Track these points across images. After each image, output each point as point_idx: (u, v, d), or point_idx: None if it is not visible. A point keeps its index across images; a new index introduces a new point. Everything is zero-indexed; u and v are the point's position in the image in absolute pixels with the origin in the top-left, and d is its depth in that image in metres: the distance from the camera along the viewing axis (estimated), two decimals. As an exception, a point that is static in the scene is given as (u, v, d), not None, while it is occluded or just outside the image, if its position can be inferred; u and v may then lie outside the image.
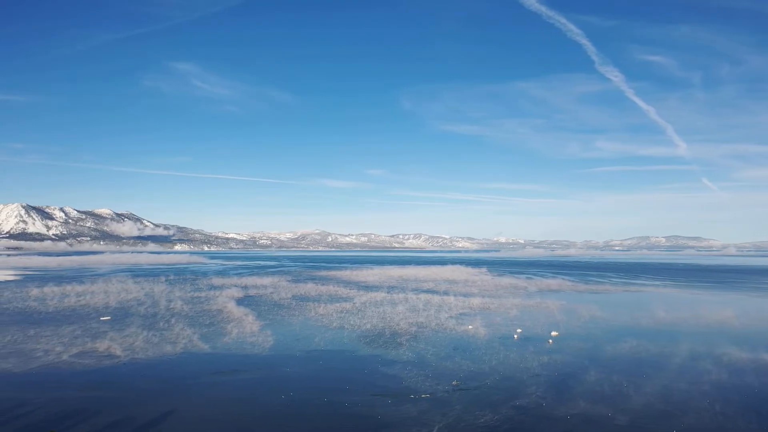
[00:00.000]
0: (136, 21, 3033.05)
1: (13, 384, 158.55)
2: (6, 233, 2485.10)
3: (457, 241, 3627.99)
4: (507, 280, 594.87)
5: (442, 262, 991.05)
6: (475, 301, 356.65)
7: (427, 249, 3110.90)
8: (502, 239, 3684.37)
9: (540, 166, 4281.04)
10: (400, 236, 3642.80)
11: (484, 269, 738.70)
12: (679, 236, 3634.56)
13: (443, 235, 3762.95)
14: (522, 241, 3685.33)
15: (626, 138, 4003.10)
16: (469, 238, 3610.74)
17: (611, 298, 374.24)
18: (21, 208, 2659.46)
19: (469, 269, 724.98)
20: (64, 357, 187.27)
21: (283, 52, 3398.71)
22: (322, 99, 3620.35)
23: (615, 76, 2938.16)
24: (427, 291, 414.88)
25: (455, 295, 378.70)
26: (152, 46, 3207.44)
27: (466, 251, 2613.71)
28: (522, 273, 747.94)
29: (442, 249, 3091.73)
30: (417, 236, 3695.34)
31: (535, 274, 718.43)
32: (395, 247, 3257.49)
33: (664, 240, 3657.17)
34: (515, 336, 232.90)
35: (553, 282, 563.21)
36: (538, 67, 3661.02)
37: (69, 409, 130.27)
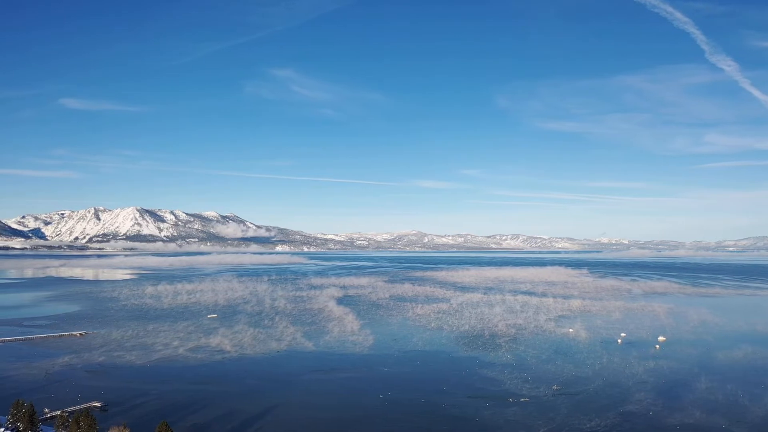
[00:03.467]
0: (238, 31, 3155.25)
1: (135, 375, 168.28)
2: (123, 235, 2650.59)
3: (557, 242, 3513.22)
4: (609, 282, 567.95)
5: (540, 263, 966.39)
6: (575, 303, 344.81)
7: (525, 250, 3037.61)
8: (605, 240, 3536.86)
9: (646, 163, 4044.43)
10: (498, 237, 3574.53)
11: (584, 270, 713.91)
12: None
13: (542, 236, 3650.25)
14: (626, 242, 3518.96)
15: (741, 131, 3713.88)
16: (570, 239, 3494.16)
17: (724, 302, 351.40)
18: (136, 212, 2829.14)
19: (569, 270, 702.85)
20: (180, 351, 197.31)
21: (377, 53, 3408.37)
22: (416, 99, 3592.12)
23: (728, 66, 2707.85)
24: (525, 292, 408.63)
25: (554, 297, 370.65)
26: (253, 55, 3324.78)
27: (566, 252, 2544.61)
28: (626, 275, 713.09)
29: (540, 250, 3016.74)
30: (515, 237, 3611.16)
31: (639, 276, 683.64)
32: (492, 248, 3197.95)
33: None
34: (619, 340, 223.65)
35: (659, 284, 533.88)
36: (643, 59, 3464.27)
37: (181, 400, 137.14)
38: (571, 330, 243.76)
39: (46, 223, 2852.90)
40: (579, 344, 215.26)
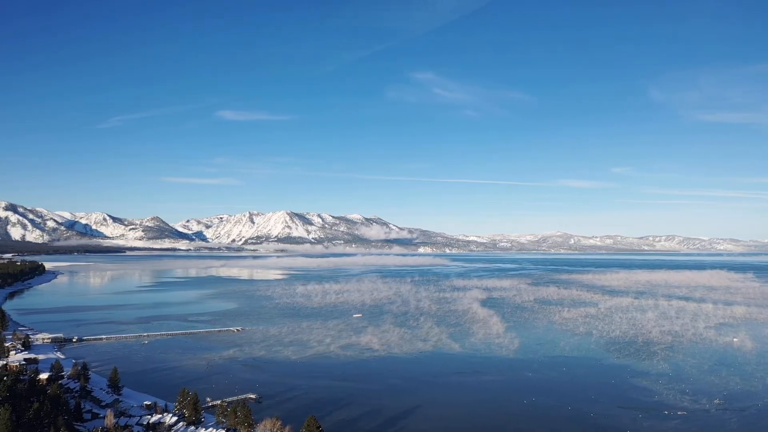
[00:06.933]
0: (379, 37, 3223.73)
1: (287, 370, 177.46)
2: (274, 237, 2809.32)
3: (718, 243, 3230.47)
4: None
5: (699, 266, 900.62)
6: (739, 311, 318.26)
7: (681, 252, 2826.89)
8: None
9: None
10: (650, 238, 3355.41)
11: (750, 274, 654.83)
12: None
13: (701, 237, 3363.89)
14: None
15: None
16: (733, 240, 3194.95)
17: None
18: (286, 215, 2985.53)
19: (732, 275, 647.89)
20: (332, 348, 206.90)
21: (519, 51, 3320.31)
22: (561, 94, 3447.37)
23: None
24: (681, 297, 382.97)
25: (714, 303, 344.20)
26: (395, 60, 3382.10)
27: (729, 254, 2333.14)
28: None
29: (699, 252, 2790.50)
30: (669, 238, 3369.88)
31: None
32: (644, 250, 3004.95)
33: None
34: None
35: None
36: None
37: (329, 396, 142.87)
38: (735, 339, 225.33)
39: (207, 227, 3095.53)
40: (745, 355, 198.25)
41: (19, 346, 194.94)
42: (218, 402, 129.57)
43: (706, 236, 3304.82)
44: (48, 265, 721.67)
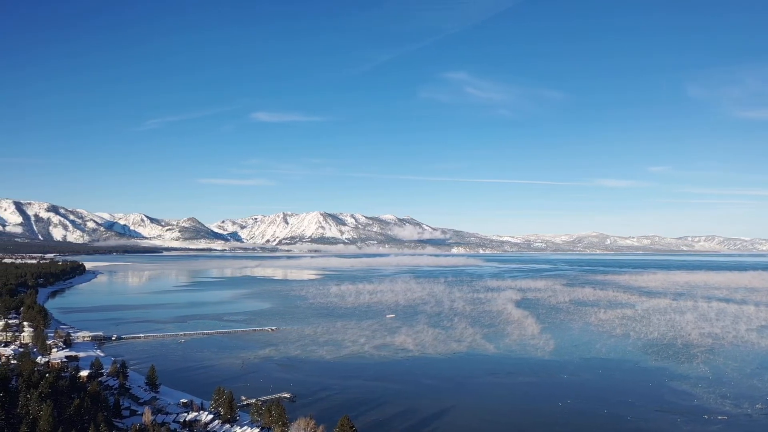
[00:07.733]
0: (412, 37, 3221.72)
1: (321, 369, 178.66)
2: (308, 238, 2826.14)
3: (761, 244, 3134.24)
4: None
5: (740, 267, 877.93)
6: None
7: (721, 252, 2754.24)
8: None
9: None
10: (689, 238, 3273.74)
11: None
12: None
13: (742, 237, 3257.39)
14: None
15: None
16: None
17: None
18: (320, 216, 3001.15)
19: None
20: (366, 348, 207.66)
21: (553, 49, 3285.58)
22: (596, 91, 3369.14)
23: None
24: (721, 299, 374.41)
25: (756, 305, 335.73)
26: (427, 59, 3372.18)
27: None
28: None
29: (740, 252, 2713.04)
30: (709, 238, 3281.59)
31: None
32: (683, 251, 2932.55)
33: None
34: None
35: None
36: None
37: (362, 396, 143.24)
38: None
39: (242, 227, 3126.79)
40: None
41: (60, 343, 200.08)
42: (253, 401, 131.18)
43: (748, 236, 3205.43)
44: (88, 265, 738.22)
